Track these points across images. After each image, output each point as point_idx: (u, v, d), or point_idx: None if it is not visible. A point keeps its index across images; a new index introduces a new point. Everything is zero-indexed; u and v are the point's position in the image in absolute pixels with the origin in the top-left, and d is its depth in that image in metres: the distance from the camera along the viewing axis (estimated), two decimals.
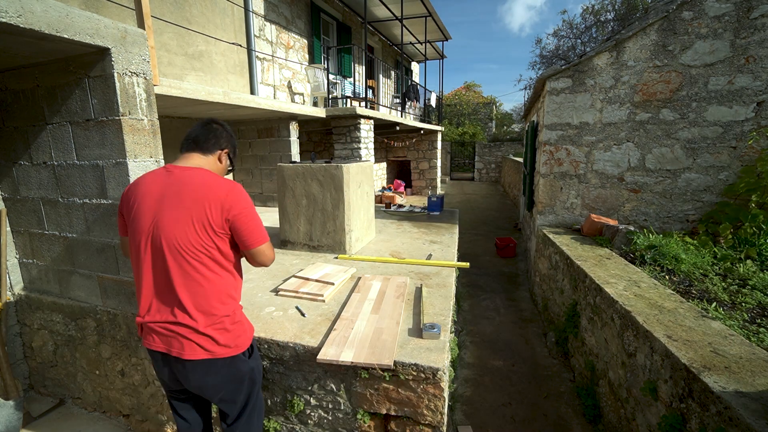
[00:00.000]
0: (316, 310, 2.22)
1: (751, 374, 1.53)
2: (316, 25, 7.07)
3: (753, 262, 2.87)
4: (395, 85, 11.83)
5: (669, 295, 2.36)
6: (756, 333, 1.94)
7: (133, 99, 1.99)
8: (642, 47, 3.78)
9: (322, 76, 6.55)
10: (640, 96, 3.87)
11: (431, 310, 2.16)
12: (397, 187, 8.92)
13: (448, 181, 17.84)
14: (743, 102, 3.62)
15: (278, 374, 1.95)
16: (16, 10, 1.46)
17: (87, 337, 2.51)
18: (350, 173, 3.22)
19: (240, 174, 6.02)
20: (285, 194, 3.43)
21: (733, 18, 3.52)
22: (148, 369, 2.36)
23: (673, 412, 1.67)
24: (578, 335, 3.00)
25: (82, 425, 2.56)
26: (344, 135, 5.96)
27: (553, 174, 4.29)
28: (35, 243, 2.53)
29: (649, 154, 3.95)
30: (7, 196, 2.53)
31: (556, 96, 4.11)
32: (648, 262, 3.02)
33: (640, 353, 2.00)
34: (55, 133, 2.17)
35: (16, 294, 2.67)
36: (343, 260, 3.20)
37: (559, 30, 18.17)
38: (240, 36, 5.27)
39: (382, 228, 4.45)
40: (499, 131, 24.37)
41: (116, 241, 2.18)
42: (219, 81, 4.92)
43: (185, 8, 4.36)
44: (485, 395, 2.87)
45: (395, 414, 1.77)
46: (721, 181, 3.81)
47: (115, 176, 2.04)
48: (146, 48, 2.05)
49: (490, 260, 6.31)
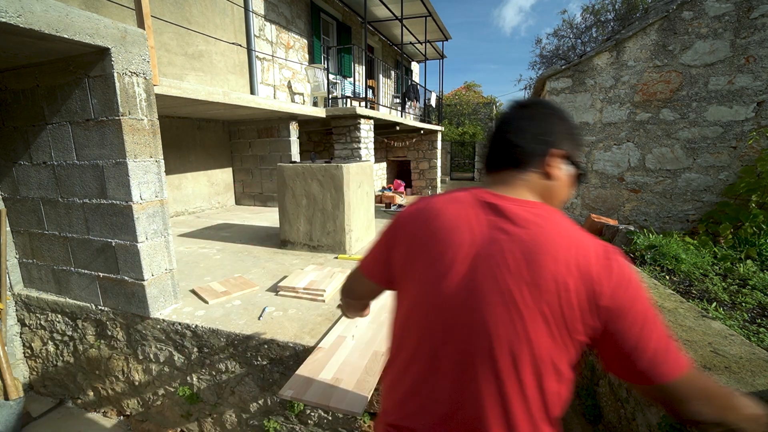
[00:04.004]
0: (316, 310, 2.22)
1: (751, 374, 1.53)
2: (316, 25, 7.07)
3: (753, 262, 2.87)
4: (395, 85, 11.83)
5: (669, 294, 2.36)
6: (756, 333, 1.94)
7: (133, 99, 1.99)
8: (642, 47, 3.77)
9: (322, 76, 6.55)
10: (640, 96, 3.87)
11: None
12: (397, 187, 8.91)
13: (448, 181, 17.81)
14: (743, 102, 3.62)
15: (278, 374, 1.95)
16: (16, 10, 1.46)
17: (87, 337, 2.51)
18: (350, 173, 3.22)
19: (240, 174, 6.03)
20: (285, 194, 3.43)
21: (733, 18, 3.52)
22: (147, 369, 2.37)
23: None
24: None
25: (82, 425, 2.56)
26: (344, 135, 5.96)
27: None
28: (35, 243, 2.53)
29: (649, 154, 3.95)
30: (7, 196, 2.53)
31: (556, 96, 4.11)
32: (648, 262, 3.02)
33: None
34: (55, 133, 2.17)
35: (16, 294, 2.67)
36: (342, 260, 3.20)
37: (559, 30, 18.16)
38: (240, 36, 5.27)
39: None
40: None
41: (116, 241, 2.18)
42: (219, 81, 4.92)
43: (185, 8, 4.36)
44: None
45: None
46: (721, 181, 3.81)
47: (115, 176, 2.04)
48: (146, 48, 2.05)
49: None
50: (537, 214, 0.71)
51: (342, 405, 1.43)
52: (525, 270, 0.66)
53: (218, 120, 5.57)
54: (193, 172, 5.21)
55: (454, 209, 0.74)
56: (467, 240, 0.70)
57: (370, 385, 1.54)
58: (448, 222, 0.73)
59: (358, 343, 1.82)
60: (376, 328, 1.95)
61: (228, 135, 5.89)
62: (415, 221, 0.78)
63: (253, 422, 2.09)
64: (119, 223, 2.12)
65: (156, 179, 2.16)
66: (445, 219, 0.73)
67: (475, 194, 0.76)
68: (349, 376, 1.59)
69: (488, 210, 0.72)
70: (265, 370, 1.97)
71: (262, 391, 2.01)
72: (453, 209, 0.74)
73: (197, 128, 5.18)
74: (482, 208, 0.73)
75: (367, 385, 1.53)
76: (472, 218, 0.72)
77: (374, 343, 1.81)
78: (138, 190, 2.06)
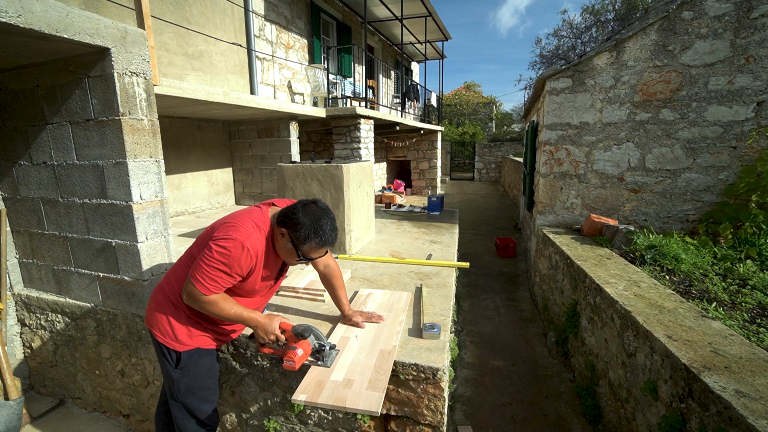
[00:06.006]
0: (316, 310, 2.22)
1: (751, 374, 1.53)
2: (316, 25, 7.07)
3: (753, 262, 2.87)
4: (395, 85, 11.83)
5: (669, 295, 2.36)
6: (756, 333, 1.94)
7: (133, 99, 1.99)
8: (642, 47, 3.78)
9: (322, 76, 6.55)
10: (640, 96, 3.87)
11: (431, 310, 2.16)
12: (397, 187, 8.91)
13: (448, 181, 17.84)
14: (743, 102, 3.62)
15: (278, 374, 1.95)
16: (16, 10, 1.47)
17: (87, 337, 2.51)
18: (350, 173, 3.22)
19: (240, 174, 6.03)
20: (285, 194, 3.43)
21: (733, 18, 3.52)
22: (147, 369, 2.37)
23: (673, 412, 1.67)
24: (578, 335, 3.00)
25: (82, 425, 2.56)
26: (344, 135, 5.96)
27: (553, 174, 4.29)
28: (35, 243, 2.53)
29: (649, 154, 3.95)
30: (7, 196, 2.53)
31: (556, 96, 4.11)
32: (648, 262, 3.02)
33: (640, 353, 2.00)
34: (55, 133, 2.17)
35: (16, 294, 2.67)
36: (342, 260, 3.20)
37: (559, 30, 18.17)
38: (240, 36, 5.27)
39: (382, 228, 4.45)
40: (499, 131, 24.37)
41: (116, 241, 2.18)
42: (219, 81, 4.92)
43: (185, 8, 4.36)
44: (485, 395, 2.87)
45: (395, 414, 1.77)
46: (721, 181, 3.81)
47: (115, 176, 2.04)
48: (146, 48, 2.05)
49: (490, 260, 6.31)
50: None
51: (359, 405, 1.43)
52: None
53: (218, 120, 5.57)
54: (193, 172, 5.21)
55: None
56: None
57: (383, 383, 1.54)
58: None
59: (363, 343, 1.82)
60: (378, 327, 1.95)
61: (228, 135, 5.89)
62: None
63: (253, 422, 2.09)
64: (119, 223, 2.12)
65: (156, 179, 2.16)
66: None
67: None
68: (360, 376, 1.59)
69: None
70: (265, 370, 1.97)
71: (262, 391, 2.01)
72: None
73: (197, 128, 5.18)
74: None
75: (380, 384, 1.53)
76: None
77: (379, 342, 1.82)
78: (138, 190, 2.06)
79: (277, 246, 1.55)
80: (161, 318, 1.60)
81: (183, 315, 1.60)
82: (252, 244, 1.45)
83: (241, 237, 1.42)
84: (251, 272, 1.51)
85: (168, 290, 1.61)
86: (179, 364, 1.63)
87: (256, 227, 1.50)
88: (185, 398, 1.67)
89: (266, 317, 1.60)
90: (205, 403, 1.72)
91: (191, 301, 1.48)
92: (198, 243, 1.59)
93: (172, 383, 1.66)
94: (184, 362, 1.62)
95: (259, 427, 2.08)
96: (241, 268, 1.45)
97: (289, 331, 1.62)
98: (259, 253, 1.50)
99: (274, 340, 1.61)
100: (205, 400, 1.72)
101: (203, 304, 1.47)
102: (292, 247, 1.50)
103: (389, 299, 2.30)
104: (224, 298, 1.50)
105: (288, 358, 1.56)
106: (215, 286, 1.44)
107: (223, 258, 1.40)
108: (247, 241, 1.43)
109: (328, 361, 1.64)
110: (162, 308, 1.60)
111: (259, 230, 1.50)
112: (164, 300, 1.61)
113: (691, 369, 1.57)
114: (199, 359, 1.65)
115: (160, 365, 1.69)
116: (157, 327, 1.61)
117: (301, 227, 1.46)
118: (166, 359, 1.63)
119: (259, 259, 1.51)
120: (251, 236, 1.46)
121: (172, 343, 1.59)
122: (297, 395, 1.49)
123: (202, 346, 1.65)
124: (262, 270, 1.55)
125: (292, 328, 1.62)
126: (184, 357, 1.62)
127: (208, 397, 1.72)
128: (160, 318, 1.60)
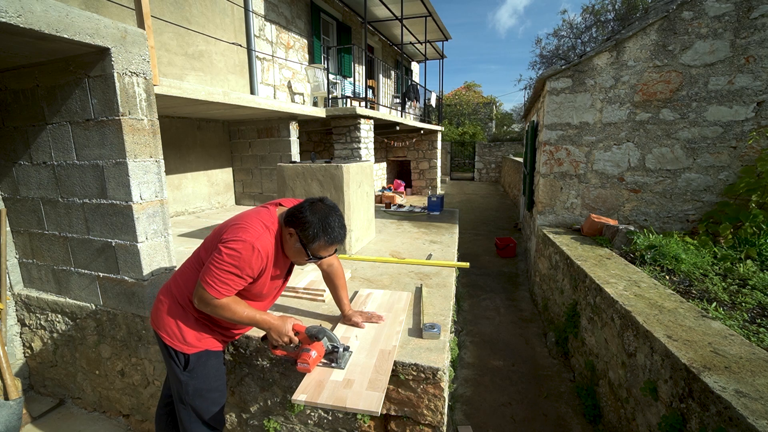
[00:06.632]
0: (317, 310, 2.22)
1: (751, 374, 1.53)
2: (316, 25, 7.07)
3: (753, 262, 2.87)
4: (395, 85, 11.83)
5: (669, 295, 2.36)
6: (756, 333, 1.94)
7: (133, 99, 1.99)
8: (642, 47, 3.78)
9: (322, 76, 6.55)
10: (640, 96, 3.87)
11: (431, 310, 2.16)
12: (397, 187, 8.91)
13: (448, 181, 17.83)
14: (743, 102, 3.62)
15: (278, 374, 1.95)
16: (16, 10, 1.46)
17: (87, 337, 2.51)
18: (350, 173, 3.22)
19: (240, 174, 6.03)
20: (285, 194, 3.43)
21: (733, 18, 3.52)
22: (147, 369, 2.37)
23: (673, 412, 1.67)
24: (578, 335, 3.00)
25: (82, 425, 2.56)
26: (344, 135, 5.96)
27: (553, 174, 4.29)
28: (35, 243, 2.53)
29: (649, 154, 3.95)
30: (7, 196, 2.53)
31: (556, 96, 4.11)
32: (648, 262, 3.02)
33: (640, 353, 2.00)
34: (55, 133, 2.17)
35: (16, 294, 2.67)
36: (343, 260, 3.20)
37: (559, 30, 18.17)
38: (240, 36, 5.27)
39: (382, 228, 4.45)
40: (499, 131, 24.37)
41: (116, 241, 2.18)
42: (219, 81, 4.92)
43: (185, 8, 4.36)
44: (485, 395, 2.87)
45: (395, 414, 1.77)
46: (721, 181, 3.81)
47: (115, 176, 2.04)
48: (146, 48, 2.05)
49: (490, 260, 6.31)
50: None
51: (359, 405, 1.42)
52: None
53: (218, 120, 5.57)
54: (193, 172, 5.21)
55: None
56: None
57: (383, 383, 1.53)
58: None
59: (363, 343, 1.82)
60: (378, 327, 1.95)
61: (228, 135, 5.89)
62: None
63: (253, 422, 2.09)
64: (119, 223, 2.12)
65: (156, 179, 2.16)
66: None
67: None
68: (360, 376, 1.58)
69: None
70: (265, 370, 1.97)
71: (262, 391, 2.01)
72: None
73: (197, 128, 5.18)
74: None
75: (380, 384, 1.53)
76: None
77: (379, 342, 1.81)
78: (138, 190, 2.06)
79: (286, 247, 1.54)
80: (169, 320, 1.58)
81: (191, 317, 1.59)
82: (262, 245, 1.44)
83: (250, 238, 1.41)
84: (261, 273, 1.50)
85: (176, 292, 1.60)
86: (188, 366, 1.60)
87: (265, 228, 1.49)
88: (194, 401, 1.64)
89: (279, 319, 1.57)
90: (214, 405, 1.70)
91: (203, 305, 1.46)
92: (206, 245, 1.58)
93: (180, 386, 1.63)
94: (193, 365, 1.60)
95: (259, 427, 2.08)
96: (252, 270, 1.43)
97: (303, 332, 1.59)
98: (269, 253, 1.49)
99: (288, 342, 1.58)
100: (214, 402, 1.69)
101: (215, 308, 1.45)
102: (300, 246, 1.49)
103: (389, 299, 2.30)
104: (236, 301, 1.48)
105: (302, 360, 1.54)
106: (227, 289, 1.42)
107: (234, 260, 1.39)
108: (257, 242, 1.42)
109: (342, 363, 1.62)
110: (169, 310, 1.59)
111: (268, 230, 1.49)
112: (172, 302, 1.60)
113: (691, 369, 1.57)
114: (208, 361, 1.64)
115: (167, 368, 1.67)
116: (165, 329, 1.58)
117: (309, 226, 1.45)
118: (174, 362, 1.61)
119: (270, 260, 1.50)
120: (261, 237, 1.45)
121: (181, 346, 1.57)
122: (297, 395, 1.49)
123: (210, 347, 1.64)
124: (272, 269, 1.55)
125: (305, 330, 1.59)
126: (193, 359, 1.60)
127: (216, 399, 1.70)
128: (167, 320, 1.58)
